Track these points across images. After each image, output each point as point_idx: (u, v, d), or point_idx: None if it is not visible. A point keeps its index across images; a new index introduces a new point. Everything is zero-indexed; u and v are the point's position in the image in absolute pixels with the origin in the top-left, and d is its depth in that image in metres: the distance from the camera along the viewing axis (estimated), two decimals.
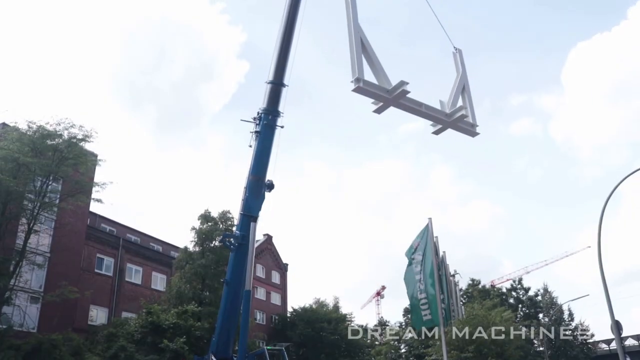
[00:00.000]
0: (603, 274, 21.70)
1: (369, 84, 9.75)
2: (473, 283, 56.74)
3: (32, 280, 33.26)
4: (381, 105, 10.26)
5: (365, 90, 9.71)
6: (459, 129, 11.43)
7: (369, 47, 10.10)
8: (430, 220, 23.53)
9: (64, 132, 30.07)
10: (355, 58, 9.78)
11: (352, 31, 10.12)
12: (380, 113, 10.53)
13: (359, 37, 10.02)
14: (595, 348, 60.04)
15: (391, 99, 10.01)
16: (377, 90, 9.91)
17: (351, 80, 9.63)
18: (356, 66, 9.69)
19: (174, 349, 32.03)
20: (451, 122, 11.22)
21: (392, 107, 10.42)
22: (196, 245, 41.23)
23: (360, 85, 9.57)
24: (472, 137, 11.84)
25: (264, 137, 23.10)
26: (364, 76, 9.71)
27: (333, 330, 58.30)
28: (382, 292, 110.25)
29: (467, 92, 11.93)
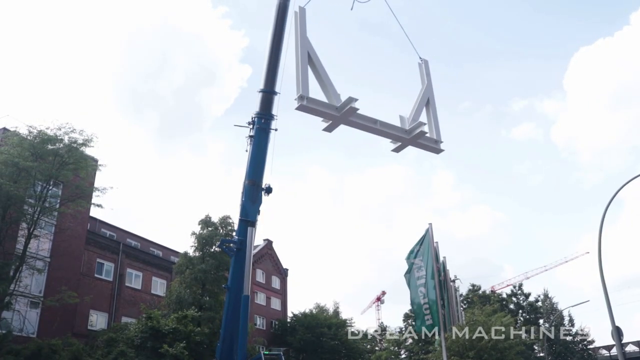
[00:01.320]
0: (603, 279, 21.68)
1: (314, 102, 9.24)
2: (473, 288, 56.71)
3: (32, 285, 33.23)
4: (330, 123, 9.72)
5: (310, 109, 9.20)
6: (420, 145, 10.77)
7: (318, 62, 9.60)
8: (430, 226, 23.54)
9: (65, 136, 30.11)
10: (300, 74, 9.26)
11: (299, 45, 9.57)
12: (331, 131, 10.00)
13: (306, 51, 9.52)
14: (595, 354, 59.88)
15: (339, 116, 9.47)
16: (323, 107, 9.38)
17: (295, 97, 9.12)
18: (300, 83, 9.16)
19: (174, 354, 31.94)
20: (411, 139, 10.55)
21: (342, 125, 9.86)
22: (196, 250, 41.16)
23: (304, 104, 9.06)
24: (437, 154, 11.14)
25: (258, 141, 23.16)
26: (309, 93, 9.17)
27: (333, 335, 58.20)
28: (382, 298, 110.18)
29: (432, 106, 11.33)
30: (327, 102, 9.47)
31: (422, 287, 22.73)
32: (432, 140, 10.88)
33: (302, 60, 9.46)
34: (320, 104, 9.37)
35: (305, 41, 9.62)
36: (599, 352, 61.87)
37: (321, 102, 9.40)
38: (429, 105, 11.20)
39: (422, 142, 10.67)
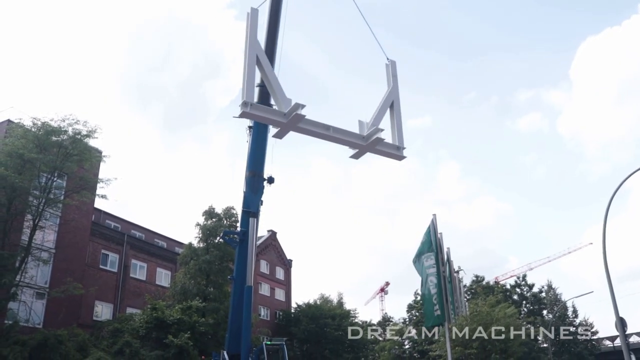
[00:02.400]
0: (608, 270, 21.67)
1: (259, 109, 8.92)
2: (477, 279, 56.74)
3: (38, 276, 33.42)
4: (279, 130, 9.34)
5: (253, 116, 8.89)
6: (379, 152, 10.25)
7: (267, 66, 9.24)
8: (434, 217, 23.57)
9: (69, 128, 30.15)
10: (247, 79, 8.88)
11: (248, 48, 9.15)
12: (281, 138, 9.65)
13: (255, 54, 9.12)
14: (599, 345, 59.95)
15: (286, 123, 9.08)
16: (268, 114, 9.07)
17: (239, 104, 8.77)
18: (245, 88, 8.78)
19: (179, 344, 32.15)
20: (368, 146, 10.04)
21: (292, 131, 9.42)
22: (200, 242, 41.34)
23: (247, 111, 8.67)
24: (399, 160, 10.66)
25: (257, 132, 23.30)
26: (254, 99, 8.82)
27: (337, 326, 58.38)
28: (386, 289, 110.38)
29: (397, 109, 10.81)
30: (272, 109, 9.16)
31: (432, 277, 22.79)
32: (394, 146, 10.37)
33: (250, 64, 9.03)
34: (265, 111, 9.08)
35: (254, 43, 9.21)
36: (602, 343, 61.94)
37: (266, 109, 9.12)
38: (394, 109, 10.71)
39: (382, 149, 10.15)
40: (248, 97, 8.73)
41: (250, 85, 8.87)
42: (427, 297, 23.21)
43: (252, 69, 9.00)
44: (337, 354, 56.86)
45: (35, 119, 30.03)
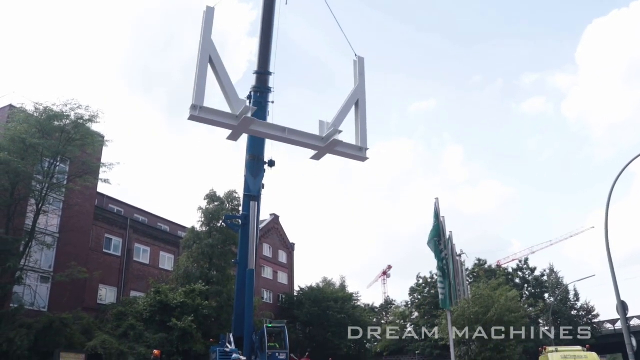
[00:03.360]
0: (609, 254, 21.71)
1: (209, 112, 8.68)
2: (479, 263, 56.88)
3: (42, 261, 33.64)
4: (231, 133, 9.14)
5: (203, 119, 8.63)
6: (340, 154, 9.96)
7: (220, 67, 9.00)
8: (437, 201, 23.60)
9: (71, 113, 30.13)
10: (197, 80, 8.65)
11: (201, 47, 8.91)
12: (236, 140, 9.47)
13: (208, 54, 8.89)
14: (600, 328, 60.23)
15: (238, 126, 8.92)
16: (219, 118, 8.80)
17: (189, 107, 8.56)
18: (196, 90, 8.57)
19: (182, 327, 32.46)
20: (327, 147, 9.73)
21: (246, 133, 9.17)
22: (203, 225, 41.51)
23: (195, 114, 8.47)
24: (362, 162, 10.30)
25: (256, 115, 23.25)
26: (204, 102, 8.59)
27: (339, 309, 58.77)
28: (388, 272, 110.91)
29: (362, 109, 10.39)
30: (223, 112, 8.90)
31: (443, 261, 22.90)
32: (356, 147, 10.04)
33: (202, 65, 8.79)
34: (216, 114, 8.81)
35: (208, 43, 8.98)
36: (603, 326, 62.23)
37: (217, 112, 8.84)
38: (359, 108, 10.38)
39: (342, 150, 9.88)
40: (198, 100, 8.53)
41: (201, 87, 8.65)
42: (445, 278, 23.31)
43: (203, 71, 8.75)
44: (340, 336, 57.21)
45: (38, 103, 30.03)
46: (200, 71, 8.76)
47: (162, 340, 31.74)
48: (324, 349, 52.15)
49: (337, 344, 55.79)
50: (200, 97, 8.61)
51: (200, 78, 8.70)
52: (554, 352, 24.33)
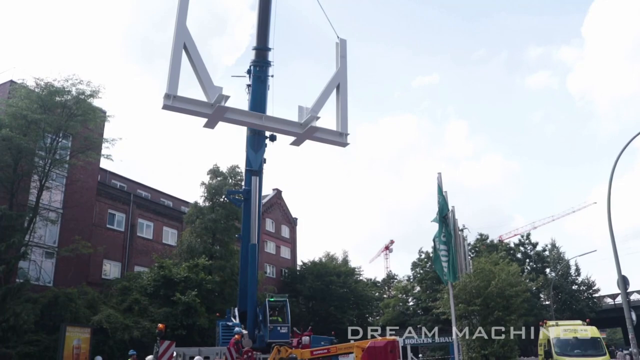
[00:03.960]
0: (611, 229, 21.76)
1: (183, 101, 8.54)
2: (481, 238, 57.03)
3: (46, 236, 33.84)
4: (207, 120, 8.97)
5: (177, 108, 8.49)
6: (320, 139, 9.84)
7: (195, 54, 8.79)
8: (439, 175, 23.59)
9: (72, 88, 30.00)
10: (171, 69, 8.44)
11: (176, 35, 8.68)
12: (213, 127, 9.27)
13: (182, 41, 8.68)
14: (600, 302, 60.64)
15: (212, 115, 8.77)
16: (193, 107, 8.67)
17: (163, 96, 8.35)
18: (169, 79, 8.38)
19: (186, 301, 32.75)
20: (305, 134, 9.58)
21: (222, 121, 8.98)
22: (206, 200, 41.63)
23: (169, 104, 8.34)
24: (343, 147, 10.15)
25: (256, 89, 23.23)
26: (177, 91, 8.42)
27: (342, 283, 59.20)
28: (390, 246, 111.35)
29: (343, 93, 10.15)
30: (198, 100, 8.74)
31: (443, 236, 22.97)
32: (335, 133, 9.89)
33: (176, 52, 8.57)
34: (190, 103, 8.68)
35: (183, 31, 8.77)
36: (603, 301, 62.65)
37: (191, 101, 8.70)
38: (340, 92, 10.15)
39: (322, 136, 9.74)
40: (171, 89, 8.36)
41: (174, 76, 8.45)
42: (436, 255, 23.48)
43: (177, 59, 8.55)
44: (342, 310, 57.82)
45: (38, 79, 29.87)
46: (174, 59, 8.54)
47: (166, 314, 32.06)
48: (327, 323, 52.71)
49: (340, 318, 56.35)
50: (174, 85, 8.43)
51: (174, 66, 8.49)
52: (554, 325, 24.57)
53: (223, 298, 37.29)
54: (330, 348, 17.87)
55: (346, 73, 10.34)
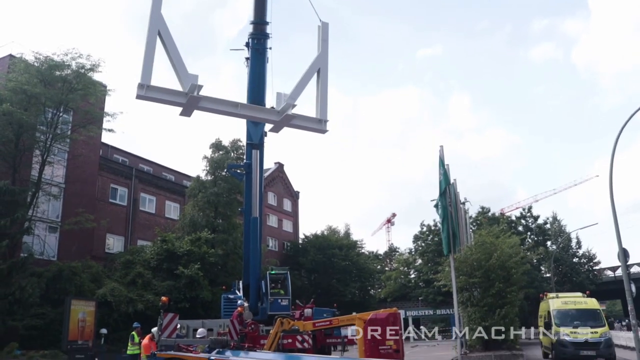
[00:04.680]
0: (613, 201, 21.74)
1: (156, 90, 8.43)
2: (483, 211, 57.09)
3: (49, 211, 34.02)
4: (182, 109, 8.87)
5: (151, 98, 8.41)
6: (298, 127, 9.70)
7: (170, 42, 8.66)
8: (441, 149, 23.56)
9: (72, 62, 29.85)
10: (145, 59, 8.31)
11: (150, 23, 8.54)
12: (189, 116, 9.17)
13: (157, 30, 8.51)
14: (600, 275, 60.96)
15: (186, 104, 8.67)
16: (168, 96, 8.55)
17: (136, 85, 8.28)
18: (143, 68, 8.26)
19: (189, 275, 33.00)
20: (282, 121, 9.42)
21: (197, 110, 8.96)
22: (208, 174, 41.69)
23: (142, 94, 8.24)
24: (322, 134, 9.98)
25: (255, 63, 23.06)
26: (151, 80, 8.28)
27: (344, 256, 59.54)
28: (392, 220, 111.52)
29: (323, 78, 9.91)
30: (171, 90, 8.65)
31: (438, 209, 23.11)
32: (314, 120, 9.69)
33: (150, 41, 8.41)
34: (163, 92, 8.57)
35: (157, 18, 8.61)
36: (604, 273, 63.00)
37: (164, 90, 8.59)
38: (320, 77, 9.90)
39: (300, 124, 9.61)
40: (144, 78, 8.26)
41: (148, 65, 8.33)
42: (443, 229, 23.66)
43: (151, 48, 8.42)
44: (345, 283, 58.26)
45: (38, 53, 29.72)
46: (148, 48, 8.41)
47: (170, 287, 32.36)
48: (329, 296, 53.19)
49: (342, 291, 56.87)
50: (147, 75, 8.32)
51: (147, 55, 8.36)
52: (554, 297, 24.76)
53: (226, 271, 37.58)
54: (332, 320, 18.04)
55: (327, 58, 10.14)
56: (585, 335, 21.48)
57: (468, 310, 22.34)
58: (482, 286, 21.87)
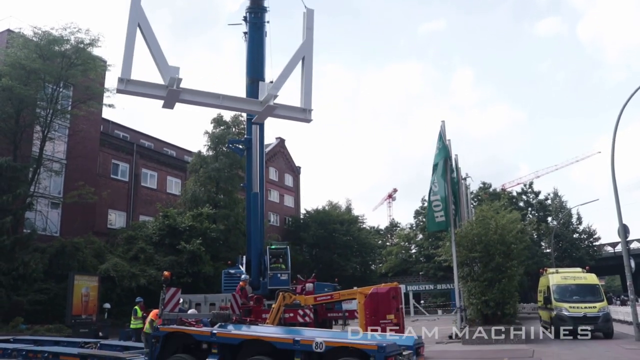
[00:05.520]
0: (614, 176, 21.77)
1: (137, 84, 8.44)
2: (484, 186, 57.07)
3: (51, 187, 34.08)
4: (164, 102, 8.84)
5: (132, 92, 8.44)
6: (282, 117, 9.71)
7: (150, 35, 8.59)
8: (443, 124, 23.51)
9: (71, 37, 29.65)
10: (125, 54, 8.28)
11: (129, 16, 8.47)
12: (172, 108, 9.10)
13: (136, 23, 8.46)
14: (600, 250, 61.19)
15: (167, 97, 8.64)
16: (149, 90, 8.56)
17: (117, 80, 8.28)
18: (123, 62, 8.23)
19: (191, 250, 33.21)
20: (265, 112, 9.35)
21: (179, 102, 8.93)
22: (209, 149, 41.68)
23: (122, 88, 8.26)
24: (307, 123, 9.92)
25: (252, 37, 22.93)
26: (131, 74, 8.26)
27: (345, 231, 59.75)
28: (393, 195, 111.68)
29: (307, 66, 9.78)
30: (152, 83, 8.63)
31: (434, 185, 23.13)
32: (297, 109, 9.63)
33: (130, 35, 8.37)
34: (144, 86, 8.57)
35: (137, 11, 8.56)
36: (603, 249, 63.25)
37: (145, 84, 8.58)
38: (305, 66, 9.78)
39: (283, 114, 9.58)
40: (124, 73, 8.26)
41: (128, 59, 8.31)
42: (428, 204, 23.81)
43: (131, 42, 8.38)
44: (346, 258, 58.56)
45: (36, 28, 29.48)
46: (128, 42, 8.39)
47: (172, 262, 32.59)
48: (330, 270, 53.56)
49: (343, 265, 57.20)
50: (127, 69, 8.32)
51: (127, 49, 8.36)
52: (554, 273, 24.89)
53: (228, 246, 37.79)
54: (334, 294, 18.24)
55: (312, 45, 9.97)
56: (583, 310, 21.65)
57: (468, 285, 22.48)
58: (482, 261, 21.98)
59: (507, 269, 21.39)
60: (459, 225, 23.82)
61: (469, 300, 22.73)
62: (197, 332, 10.78)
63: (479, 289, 21.37)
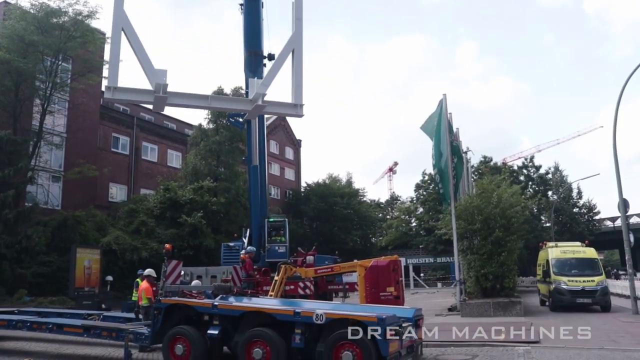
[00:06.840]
0: (615, 151, 21.72)
1: (125, 91, 8.49)
2: (485, 160, 56.99)
3: (52, 160, 34.13)
4: (153, 106, 8.92)
5: (120, 100, 8.71)
6: (273, 113, 9.63)
7: (135, 40, 8.54)
8: (444, 97, 23.35)
9: (69, 9, 29.38)
10: (111, 61, 8.31)
11: (113, 22, 8.48)
12: (162, 110, 9.21)
13: (120, 28, 8.41)
14: (600, 225, 61.35)
15: (155, 102, 8.67)
16: (136, 96, 8.63)
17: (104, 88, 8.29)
18: (110, 70, 8.31)
19: (192, 223, 33.37)
20: (255, 110, 9.31)
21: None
22: (210, 123, 41.60)
23: (110, 96, 8.29)
24: (299, 118, 9.78)
25: (249, 8, 22.58)
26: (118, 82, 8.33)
27: (346, 204, 59.93)
28: (394, 168, 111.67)
29: (297, 60, 9.55)
30: (139, 89, 8.66)
31: (432, 158, 23.12)
32: (288, 105, 9.55)
33: (115, 41, 8.33)
34: (132, 93, 8.64)
35: (120, 16, 8.51)
36: (603, 223, 63.41)
37: (133, 90, 8.64)
38: (294, 58, 9.58)
39: (274, 110, 9.64)
40: (111, 81, 8.32)
41: (114, 67, 8.32)
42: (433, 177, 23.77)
43: (116, 48, 8.35)
44: (346, 231, 58.85)
45: None
46: (114, 49, 8.38)
47: (173, 235, 32.77)
48: (331, 243, 53.82)
49: (343, 238, 57.50)
50: (114, 77, 8.36)
51: (113, 57, 8.38)
52: (553, 247, 25.03)
53: (229, 219, 37.94)
54: (334, 267, 18.31)
55: (302, 37, 9.73)
56: (582, 283, 21.83)
57: (468, 258, 22.62)
58: (482, 234, 22.06)
59: (507, 242, 21.47)
60: (459, 198, 23.86)
61: (468, 273, 22.89)
62: (198, 304, 10.88)
63: (478, 262, 21.50)
